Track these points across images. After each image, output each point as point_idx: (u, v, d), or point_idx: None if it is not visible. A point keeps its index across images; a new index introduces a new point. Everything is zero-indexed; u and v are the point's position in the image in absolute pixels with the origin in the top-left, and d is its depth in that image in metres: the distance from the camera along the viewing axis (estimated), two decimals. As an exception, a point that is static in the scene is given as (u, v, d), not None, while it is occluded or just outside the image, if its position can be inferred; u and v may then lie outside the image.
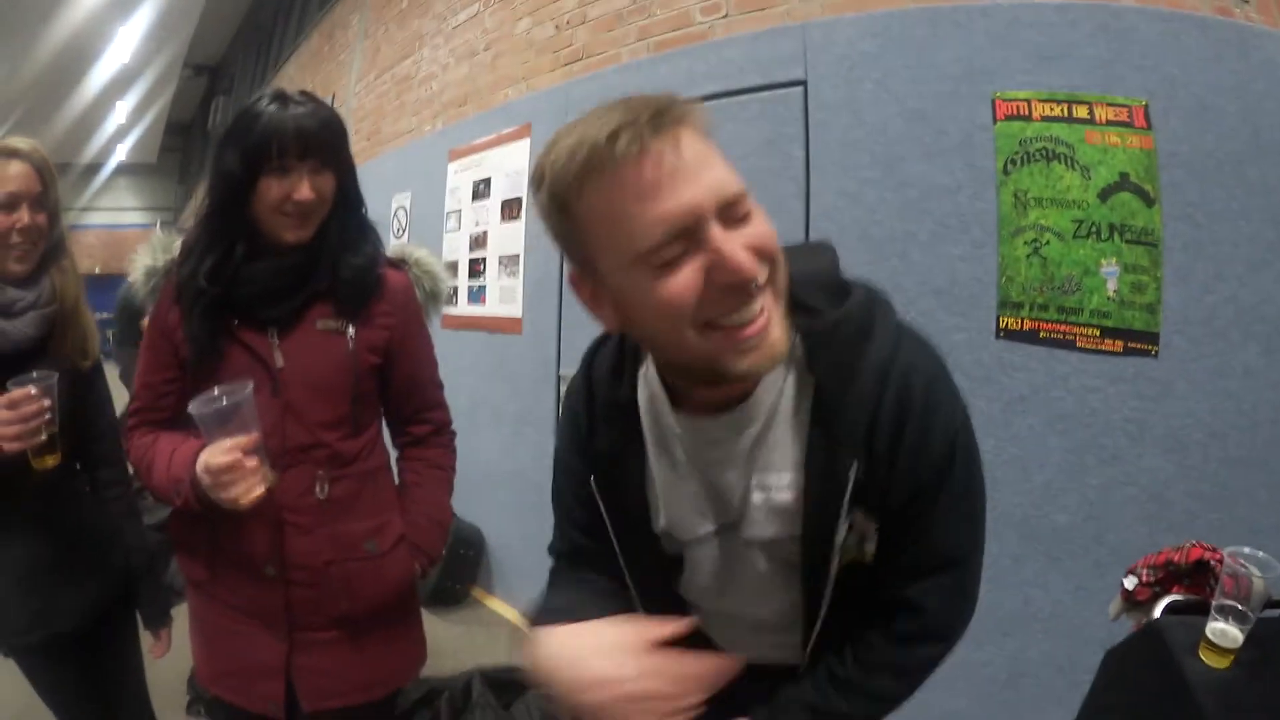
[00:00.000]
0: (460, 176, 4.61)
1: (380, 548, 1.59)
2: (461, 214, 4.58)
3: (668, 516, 1.03)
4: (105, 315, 1.95)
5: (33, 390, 1.45)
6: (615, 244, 0.80)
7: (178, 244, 1.52)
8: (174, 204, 21.22)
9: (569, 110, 3.68)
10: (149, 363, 1.54)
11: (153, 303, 1.54)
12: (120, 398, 1.82)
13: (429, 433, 1.73)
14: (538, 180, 0.83)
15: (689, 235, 0.77)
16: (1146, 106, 2.25)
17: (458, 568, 4.33)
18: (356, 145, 6.31)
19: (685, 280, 0.79)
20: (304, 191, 1.38)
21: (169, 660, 1.96)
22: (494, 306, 4.27)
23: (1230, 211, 2.19)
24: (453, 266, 4.60)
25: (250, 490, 1.31)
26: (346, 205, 1.51)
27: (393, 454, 1.75)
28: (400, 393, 1.66)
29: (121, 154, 19.52)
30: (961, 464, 0.95)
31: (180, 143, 20.88)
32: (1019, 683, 2.39)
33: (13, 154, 1.58)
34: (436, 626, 4.05)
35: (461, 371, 4.40)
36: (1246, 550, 1.26)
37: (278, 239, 1.42)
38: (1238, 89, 2.19)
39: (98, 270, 14.10)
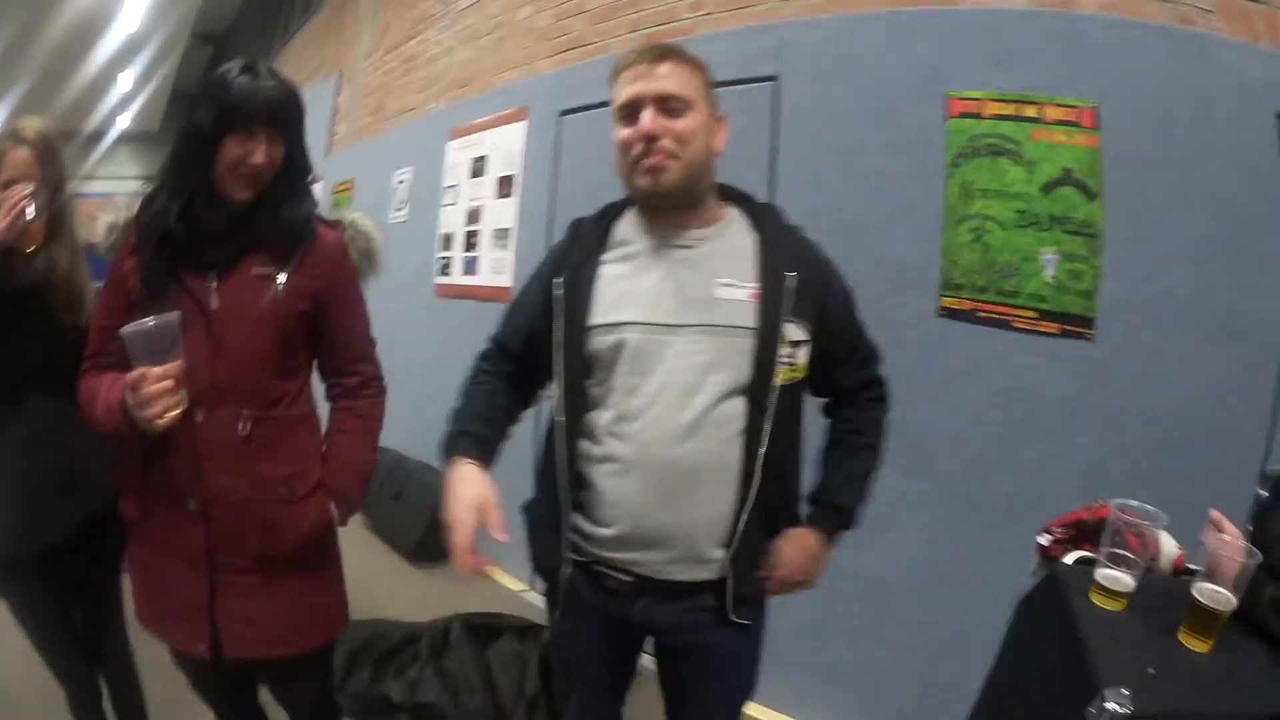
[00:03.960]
0: (460, 154, 4.78)
1: (297, 492, 1.64)
2: (459, 189, 4.75)
3: (614, 308, 1.43)
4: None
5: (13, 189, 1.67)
6: (614, 106, 1.44)
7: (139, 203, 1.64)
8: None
9: (564, 95, 3.89)
10: (104, 308, 1.63)
11: (112, 255, 1.64)
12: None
13: (358, 384, 1.79)
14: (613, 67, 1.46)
15: (633, 109, 1.39)
16: (1096, 108, 2.35)
17: (443, 526, 4.49)
18: (361, 121, 6.52)
19: (626, 130, 1.40)
20: (259, 156, 1.51)
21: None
22: (485, 277, 4.43)
23: (1175, 208, 2.29)
24: (448, 239, 4.79)
25: (166, 410, 1.41)
26: (293, 169, 1.63)
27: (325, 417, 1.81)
28: (331, 343, 1.74)
29: (125, 122, 19.55)
30: (851, 290, 1.54)
31: (184, 112, 20.90)
32: (961, 641, 2.50)
33: (21, 141, 1.74)
34: (422, 580, 4.24)
35: (455, 337, 4.53)
36: (1134, 503, 1.37)
37: (227, 194, 1.54)
38: (1191, 95, 2.28)
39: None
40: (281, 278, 1.60)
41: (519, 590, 4.03)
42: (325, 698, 1.98)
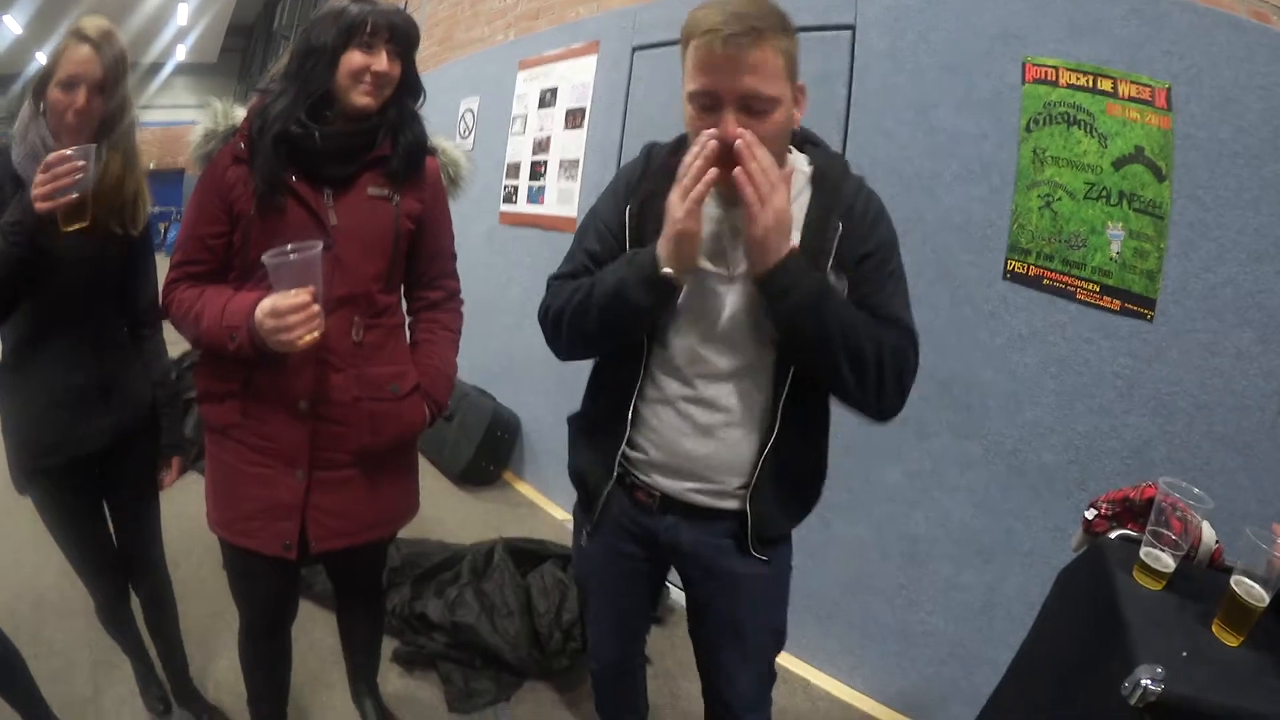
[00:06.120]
0: (528, 85, 4.77)
1: (400, 390, 1.78)
2: (527, 119, 4.75)
3: None
4: (158, 209, 2.10)
5: (68, 152, 1.53)
6: (687, 79, 1.31)
7: (238, 112, 1.66)
8: (234, 101, 21.44)
9: (636, 31, 3.87)
10: (198, 215, 1.65)
11: (204, 164, 1.65)
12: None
13: (443, 298, 1.94)
14: (686, 23, 1.31)
15: (712, 101, 1.27)
16: (1169, 90, 2.29)
17: (493, 449, 4.53)
18: (428, 50, 6.49)
19: (701, 121, 1.30)
20: (382, 63, 1.59)
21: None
22: (552, 207, 4.44)
23: (1241, 200, 2.20)
24: (515, 168, 4.81)
25: (308, 334, 1.49)
26: (408, 92, 1.72)
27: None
28: (424, 259, 1.87)
29: (182, 54, 19.71)
30: (899, 255, 1.45)
31: (242, 43, 21.01)
32: (992, 610, 2.55)
33: (83, 39, 1.67)
34: (467, 502, 4.34)
35: (517, 265, 4.63)
36: (1183, 484, 1.38)
37: (350, 103, 1.60)
38: (1264, 90, 2.18)
39: (153, 165, 14.12)
40: (396, 200, 1.72)
41: (564, 520, 4.10)
42: (380, 581, 2.18)
